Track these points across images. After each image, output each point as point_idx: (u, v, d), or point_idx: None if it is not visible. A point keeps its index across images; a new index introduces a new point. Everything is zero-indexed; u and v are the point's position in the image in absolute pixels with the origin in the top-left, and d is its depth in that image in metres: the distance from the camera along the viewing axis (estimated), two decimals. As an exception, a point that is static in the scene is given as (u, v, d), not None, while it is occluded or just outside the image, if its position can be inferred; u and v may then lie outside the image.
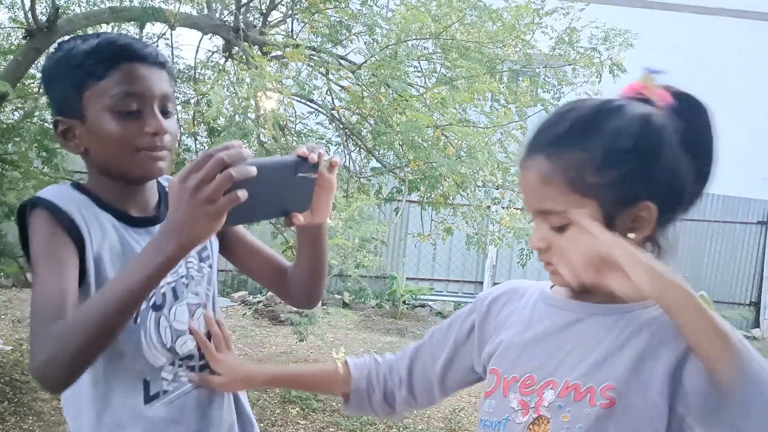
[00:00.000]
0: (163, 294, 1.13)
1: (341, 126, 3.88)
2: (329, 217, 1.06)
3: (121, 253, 1.08)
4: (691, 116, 0.93)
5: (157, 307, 1.12)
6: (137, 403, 1.09)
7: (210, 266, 1.22)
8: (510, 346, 1.01)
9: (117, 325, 0.92)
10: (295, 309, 3.77)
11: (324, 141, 3.95)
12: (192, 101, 4.28)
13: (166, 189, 1.17)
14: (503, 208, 4.04)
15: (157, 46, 4.33)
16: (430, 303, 7.97)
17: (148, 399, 1.11)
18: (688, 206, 0.96)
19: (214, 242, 1.24)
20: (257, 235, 1.38)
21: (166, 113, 1.08)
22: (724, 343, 0.84)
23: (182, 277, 1.16)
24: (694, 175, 0.93)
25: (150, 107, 1.06)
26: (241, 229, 1.28)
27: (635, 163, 0.89)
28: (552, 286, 1.05)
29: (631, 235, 0.92)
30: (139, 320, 1.09)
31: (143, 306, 1.07)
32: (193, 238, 0.88)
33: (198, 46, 4.19)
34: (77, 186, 1.11)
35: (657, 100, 0.93)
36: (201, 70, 4.25)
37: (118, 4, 4.18)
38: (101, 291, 0.94)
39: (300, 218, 0.99)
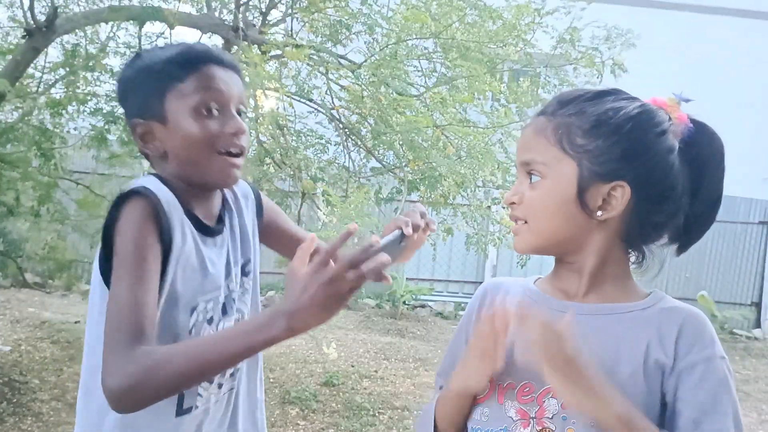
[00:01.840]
0: (214, 308, 1.13)
1: (341, 125, 3.87)
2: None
3: (195, 264, 1.08)
4: (703, 146, 0.96)
5: (210, 321, 1.12)
6: (168, 416, 1.08)
7: (252, 280, 1.22)
8: None
9: (205, 379, 1.02)
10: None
11: (323, 141, 3.94)
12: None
13: (228, 198, 1.19)
14: (503, 208, 4.02)
15: (156, 45, 4.32)
16: (430, 303, 7.96)
17: (180, 413, 1.09)
18: (678, 228, 0.96)
19: (256, 256, 1.24)
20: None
21: (240, 115, 1.11)
22: None
23: (233, 291, 1.17)
24: (692, 203, 0.95)
25: (228, 108, 1.08)
26: (284, 222, 1.32)
27: (623, 141, 0.91)
28: (536, 281, 1.04)
29: (599, 213, 0.92)
30: (193, 332, 1.08)
31: (200, 318, 1.09)
32: (306, 326, 0.89)
33: (197, 46, 4.17)
34: (165, 182, 1.08)
35: (675, 119, 0.96)
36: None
37: (117, 3, 4.17)
38: (202, 341, 0.98)
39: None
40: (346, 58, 3.89)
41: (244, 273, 1.20)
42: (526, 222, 0.95)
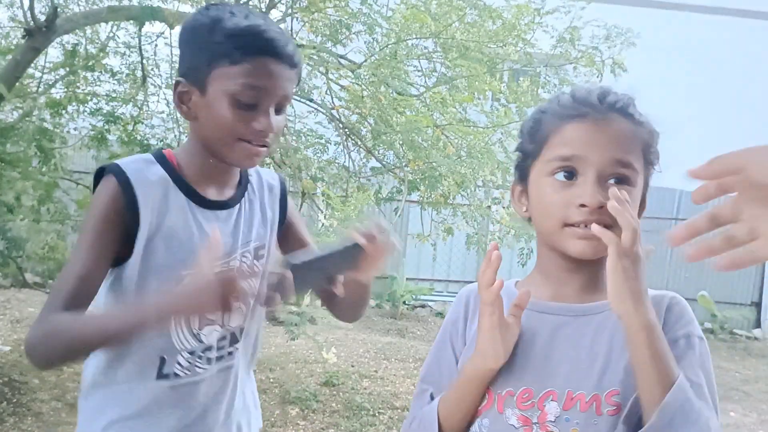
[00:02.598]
0: None
1: (341, 125, 3.87)
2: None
3: (183, 237, 1.11)
4: None
5: None
6: (150, 375, 1.13)
7: (264, 266, 1.22)
8: None
9: (80, 356, 1.08)
10: (292, 309, 3.76)
11: (323, 141, 3.93)
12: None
13: (252, 180, 1.23)
14: (503, 207, 4.02)
15: (156, 45, 4.32)
16: (430, 303, 7.96)
17: (160, 376, 1.13)
18: None
19: (272, 240, 1.24)
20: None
21: (279, 110, 1.11)
22: (661, 385, 0.83)
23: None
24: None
25: (267, 105, 1.08)
26: (301, 229, 1.32)
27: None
28: (516, 283, 1.05)
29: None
30: None
31: None
32: (172, 311, 0.97)
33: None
34: (162, 157, 1.13)
35: None
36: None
37: (116, 3, 4.17)
38: (92, 317, 1.04)
39: (341, 288, 1.09)
40: (346, 58, 3.89)
41: (257, 256, 1.20)
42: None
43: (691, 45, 8.01)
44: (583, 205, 0.90)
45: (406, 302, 7.76)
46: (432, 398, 1.03)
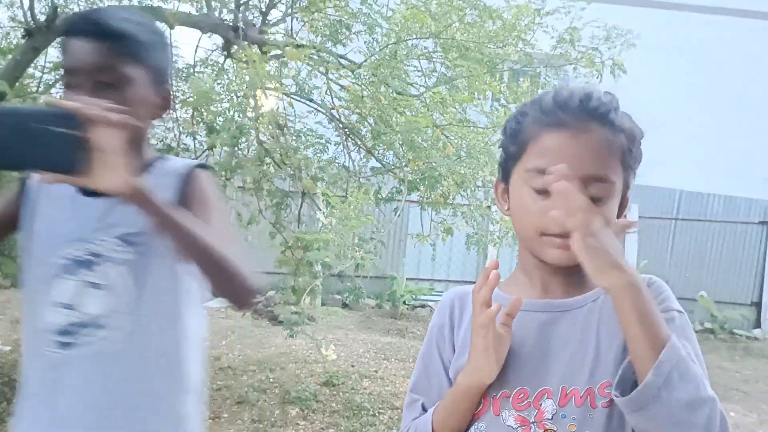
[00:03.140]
0: (69, 261, 1.15)
1: (340, 125, 3.87)
2: (132, 187, 0.97)
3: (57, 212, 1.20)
4: None
5: (64, 271, 1.15)
6: (31, 350, 1.25)
7: (143, 254, 1.13)
8: None
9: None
10: (292, 309, 3.76)
11: (323, 141, 3.93)
12: (190, 100, 4.27)
13: (155, 171, 1.22)
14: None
15: None
16: (430, 303, 7.96)
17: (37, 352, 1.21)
18: None
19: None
20: (255, 233, 1.36)
21: (105, 89, 1.11)
22: (653, 346, 0.82)
23: (92, 254, 1.14)
24: None
25: (85, 85, 1.09)
26: (197, 208, 1.17)
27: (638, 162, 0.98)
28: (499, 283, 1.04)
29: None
30: (48, 277, 1.16)
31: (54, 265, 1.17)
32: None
33: (197, 45, 4.17)
34: None
35: None
36: (200, 68, 4.24)
37: (116, 3, 4.17)
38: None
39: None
40: (346, 58, 3.89)
41: (128, 241, 1.13)
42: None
43: (691, 45, 8.01)
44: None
45: (406, 302, 7.76)
46: (423, 408, 1.03)
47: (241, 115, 3.29)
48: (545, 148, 0.93)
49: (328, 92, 3.88)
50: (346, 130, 3.89)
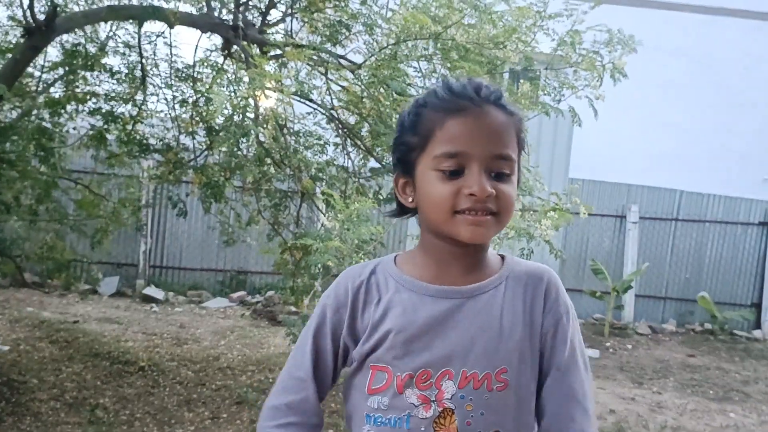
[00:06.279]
0: None
1: (340, 126, 3.86)
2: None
3: None
4: None
5: None
6: None
7: None
8: (395, 343, 1.01)
9: None
10: (292, 309, 3.75)
11: (322, 141, 3.93)
12: (190, 100, 4.26)
13: None
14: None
15: (156, 45, 4.30)
16: (429, 303, 7.96)
17: None
18: None
19: None
20: (255, 235, 1.35)
21: None
22: None
23: None
24: None
25: None
26: None
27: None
28: (396, 258, 1.10)
29: None
30: None
31: None
32: None
33: (197, 45, 4.17)
34: None
35: None
36: (199, 68, 4.24)
37: (116, 3, 4.16)
38: None
39: None
40: (346, 58, 3.88)
41: None
42: (494, 214, 0.99)
43: (691, 46, 8.01)
44: (471, 194, 0.97)
45: (406, 302, 7.75)
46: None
47: (240, 116, 3.28)
48: (452, 133, 0.99)
49: (328, 93, 3.88)
50: (346, 130, 3.89)
